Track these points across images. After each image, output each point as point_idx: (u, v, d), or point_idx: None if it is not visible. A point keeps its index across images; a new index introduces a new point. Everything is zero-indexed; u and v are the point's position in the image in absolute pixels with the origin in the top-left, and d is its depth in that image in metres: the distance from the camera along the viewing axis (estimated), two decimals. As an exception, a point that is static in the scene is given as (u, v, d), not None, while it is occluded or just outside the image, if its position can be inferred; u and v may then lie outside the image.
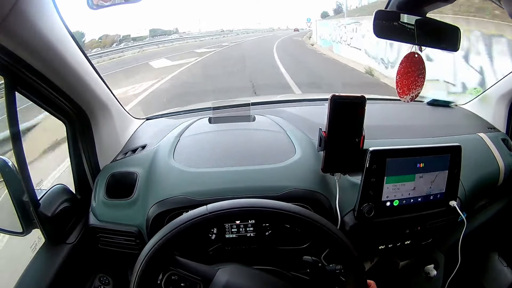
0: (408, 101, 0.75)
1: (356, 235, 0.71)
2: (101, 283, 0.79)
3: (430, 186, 0.72)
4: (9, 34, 0.51)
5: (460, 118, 1.13)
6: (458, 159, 0.72)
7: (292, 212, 0.52)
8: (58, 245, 0.75)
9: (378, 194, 0.69)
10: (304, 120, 0.99)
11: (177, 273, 0.53)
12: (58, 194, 0.76)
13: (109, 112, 0.86)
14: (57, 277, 0.69)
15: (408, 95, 0.74)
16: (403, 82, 0.74)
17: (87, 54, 0.73)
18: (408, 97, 0.74)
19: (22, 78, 0.61)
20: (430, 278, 0.92)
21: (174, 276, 0.53)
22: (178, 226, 0.51)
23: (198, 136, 0.93)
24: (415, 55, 0.71)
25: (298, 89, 5.29)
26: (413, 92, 0.74)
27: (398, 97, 0.76)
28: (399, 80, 0.74)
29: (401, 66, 0.73)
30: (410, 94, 0.75)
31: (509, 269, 1.04)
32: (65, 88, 0.70)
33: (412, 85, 0.74)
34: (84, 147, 0.83)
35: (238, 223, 0.71)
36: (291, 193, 0.71)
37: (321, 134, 0.68)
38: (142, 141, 0.94)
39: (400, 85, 0.74)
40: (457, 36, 0.69)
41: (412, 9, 0.66)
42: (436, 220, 0.76)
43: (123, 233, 0.75)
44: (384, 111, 1.16)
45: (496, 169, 0.92)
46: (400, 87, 0.74)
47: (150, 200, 0.73)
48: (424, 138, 0.93)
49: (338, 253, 0.54)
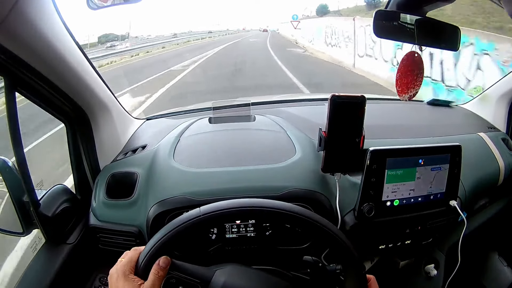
0: (406, 99, 0.76)
1: (357, 235, 0.72)
2: (101, 283, 0.79)
3: (430, 185, 0.72)
4: (9, 34, 0.51)
5: (460, 117, 1.13)
6: (458, 159, 0.73)
7: (285, 210, 0.53)
8: (59, 245, 0.75)
9: (378, 194, 0.69)
10: (304, 120, 0.99)
11: (175, 276, 0.52)
12: (58, 194, 0.76)
13: (109, 112, 0.86)
14: (57, 277, 0.69)
15: (407, 94, 0.75)
16: (402, 81, 0.74)
17: (87, 54, 0.73)
18: (407, 96, 0.75)
19: (22, 78, 0.61)
20: (430, 278, 0.92)
21: (172, 279, 0.53)
22: (174, 228, 0.51)
23: (198, 136, 0.93)
24: (415, 55, 0.72)
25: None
26: (411, 91, 0.75)
27: (398, 96, 0.76)
28: (399, 79, 0.74)
29: (401, 65, 0.73)
30: (408, 93, 0.75)
31: (509, 269, 1.04)
32: (65, 88, 0.69)
33: (411, 84, 0.74)
34: (84, 147, 0.83)
35: (238, 223, 0.71)
36: (291, 193, 0.71)
37: (321, 134, 0.69)
38: (142, 141, 0.94)
39: (400, 83, 0.74)
40: (457, 35, 0.69)
41: (412, 8, 0.66)
42: (436, 219, 0.76)
43: (123, 233, 0.75)
44: (384, 111, 1.16)
45: (496, 169, 0.93)
46: (400, 85, 0.74)
47: (150, 200, 0.73)
48: (424, 138, 0.93)
49: (325, 242, 0.54)
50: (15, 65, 0.57)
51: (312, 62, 10.01)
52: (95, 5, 0.63)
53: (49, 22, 0.58)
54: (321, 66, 8.91)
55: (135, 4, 0.70)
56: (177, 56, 13.71)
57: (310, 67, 8.75)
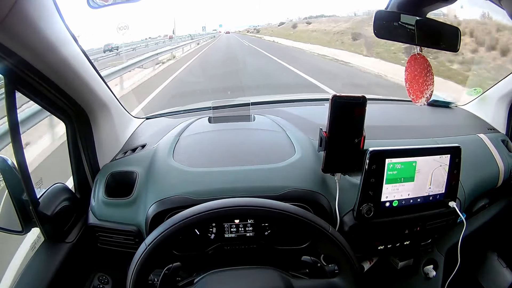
0: (424, 103, 0.72)
1: (355, 235, 0.72)
2: (100, 282, 0.79)
3: (430, 186, 0.72)
4: (9, 33, 0.51)
5: (460, 118, 1.13)
6: (458, 160, 0.72)
7: (272, 208, 0.54)
8: (58, 244, 0.75)
9: (377, 195, 0.69)
10: (304, 120, 0.99)
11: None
12: (58, 193, 0.76)
13: (108, 111, 0.86)
14: (57, 276, 0.69)
15: (423, 97, 0.71)
16: (413, 87, 0.71)
17: (87, 54, 0.73)
18: (423, 99, 0.71)
19: (22, 77, 0.61)
20: (429, 279, 0.92)
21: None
22: (172, 226, 0.52)
23: (197, 135, 0.93)
24: (417, 56, 0.71)
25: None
26: (426, 93, 0.72)
27: (406, 100, 0.74)
28: (409, 87, 0.72)
29: (407, 72, 0.71)
30: (424, 96, 0.72)
31: (508, 270, 1.04)
32: (65, 87, 0.69)
33: (423, 86, 0.72)
34: (83, 146, 0.83)
35: (237, 222, 0.71)
36: (291, 193, 0.71)
37: (322, 135, 0.68)
38: (141, 141, 0.94)
39: (412, 91, 0.72)
40: (457, 36, 0.69)
41: (412, 9, 0.66)
42: (436, 220, 0.76)
43: (122, 232, 0.75)
44: (384, 112, 1.16)
45: (495, 170, 0.92)
46: (413, 93, 0.72)
47: (150, 199, 0.73)
48: (424, 139, 0.93)
49: (310, 233, 0.56)
50: (15, 64, 0.57)
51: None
52: (96, 3, 0.63)
53: (50, 21, 0.58)
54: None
55: (135, 4, 0.70)
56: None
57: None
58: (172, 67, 8.71)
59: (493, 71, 4.82)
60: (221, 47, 15.60)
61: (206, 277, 0.58)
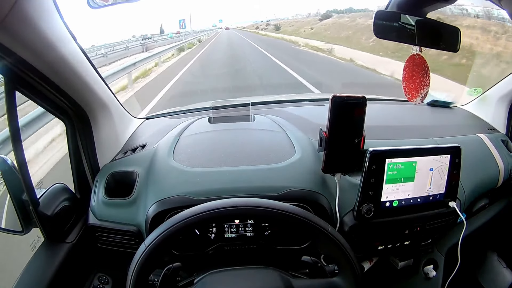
0: (419, 102, 0.74)
1: (356, 235, 0.72)
2: (100, 282, 0.79)
3: (430, 186, 0.72)
4: (9, 33, 0.51)
5: (460, 119, 1.13)
6: (458, 160, 0.72)
7: (268, 207, 0.55)
8: (58, 244, 0.75)
9: (377, 195, 0.69)
10: (304, 120, 0.99)
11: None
12: (58, 193, 0.76)
13: (108, 111, 0.86)
14: (57, 276, 0.69)
15: (418, 97, 0.74)
16: (410, 87, 0.73)
17: (87, 53, 0.73)
18: (418, 98, 0.74)
19: (22, 77, 0.61)
20: (429, 279, 0.92)
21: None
22: (172, 226, 0.52)
23: (197, 135, 0.93)
24: (416, 57, 0.71)
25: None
26: (421, 93, 0.74)
27: (406, 100, 0.75)
28: (406, 86, 0.73)
29: (405, 72, 0.73)
30: (419, 96, 0.74)
31: (508, 270, 1.04)
32: (65, 87, 0.69)
33: (419, 86, 0.73)
34: (83, 146, 0.83)
35: (237, 222, 0.71)
36: (291, 193, 0.71)
37: (322, 135, 0.68)
38: (141, 141, 0.94)
39: (408, 90, 0.74)
40: (457, 36, 0.69)
41: (412, 9, 0.66)
42: (436, 221, 0.76)
43: (122, 232, 0.75)
44: (384, 112, 1.16)
45: (495, 170, 0.92)
46: (408, 91, 0.74)
47: (150, 199, 0.73)
48: (424, 139, 0.93)
49: (306, 230, 0.56)
50: (15, 64, 0.57)
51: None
52: (96, 3, 0.63)
53: (50, 21, 0.58)
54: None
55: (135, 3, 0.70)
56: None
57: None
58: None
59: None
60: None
61: (206, 277, 0.58)
